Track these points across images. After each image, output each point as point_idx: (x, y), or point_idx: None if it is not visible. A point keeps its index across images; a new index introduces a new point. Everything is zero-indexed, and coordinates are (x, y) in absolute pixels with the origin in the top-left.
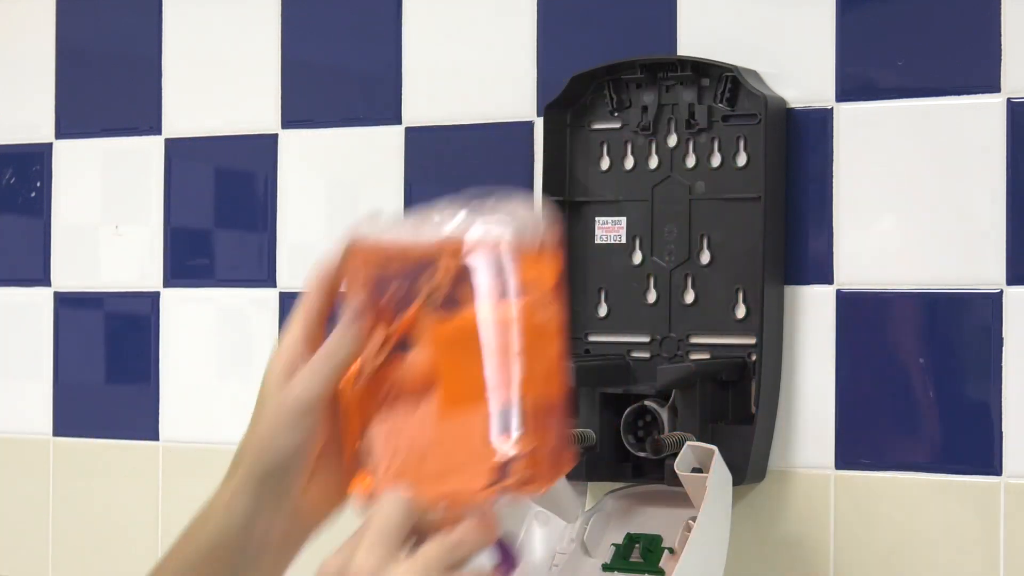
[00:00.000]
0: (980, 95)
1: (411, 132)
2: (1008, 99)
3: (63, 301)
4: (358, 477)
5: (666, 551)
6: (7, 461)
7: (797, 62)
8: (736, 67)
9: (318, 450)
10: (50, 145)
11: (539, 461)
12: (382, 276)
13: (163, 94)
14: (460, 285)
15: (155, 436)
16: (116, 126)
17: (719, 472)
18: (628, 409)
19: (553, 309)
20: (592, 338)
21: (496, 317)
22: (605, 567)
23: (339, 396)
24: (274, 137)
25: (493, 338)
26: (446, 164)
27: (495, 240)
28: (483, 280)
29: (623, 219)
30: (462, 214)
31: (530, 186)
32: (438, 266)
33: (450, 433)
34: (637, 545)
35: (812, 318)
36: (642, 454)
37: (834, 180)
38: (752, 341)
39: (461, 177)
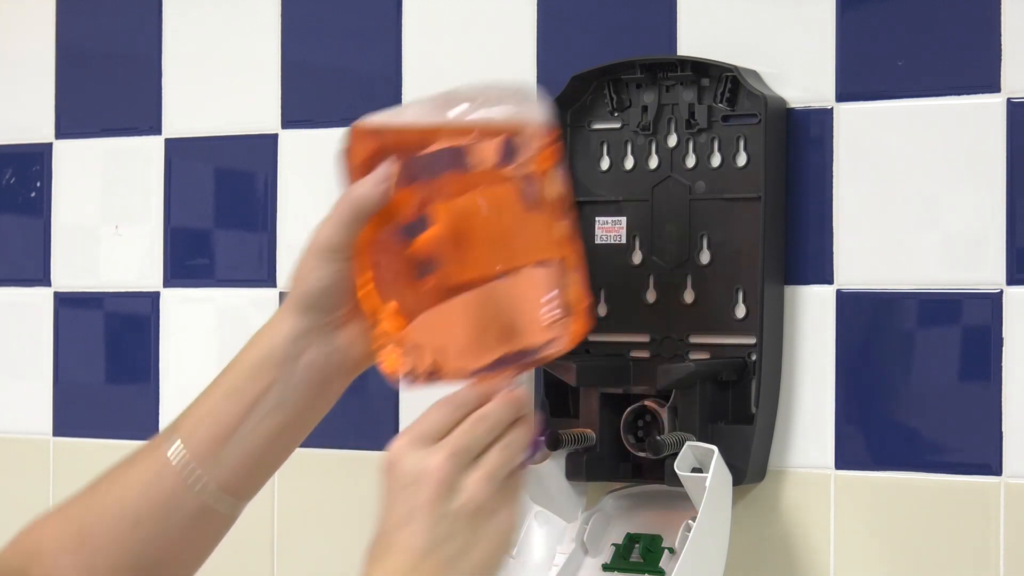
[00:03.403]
0: (980, 95)
1: None
2: (1008, 99)
3: (63, 301)
4: (388, 350)
5: (666, 551)
6: (7, 461)
7: (797, 62)
8: (736, 67)
9: (352, 291)
10: (50, 145)
11: (584, 316)
12: (402, 153)
13: (163, 94)
14: (474, 162)
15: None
16: (116, 126)
17: (719, 472)
18: (628, 409)
19: (560, 182)
20: (592, 338)
21: (511, 189)
22: (605, 567)
23: (362, 246)
24: (274, 137)
25: (519, 207)
26: None
27: (502, 121)
28: (495, 157)
29: (623, 219)
30: (469, 98)
31: None
32: (454, 145)
33: (489, 300)
34: (637, 545)
35: (812, 318)
36: (642, 454)
37: (834, 180)
38: (752, 341)
39: None
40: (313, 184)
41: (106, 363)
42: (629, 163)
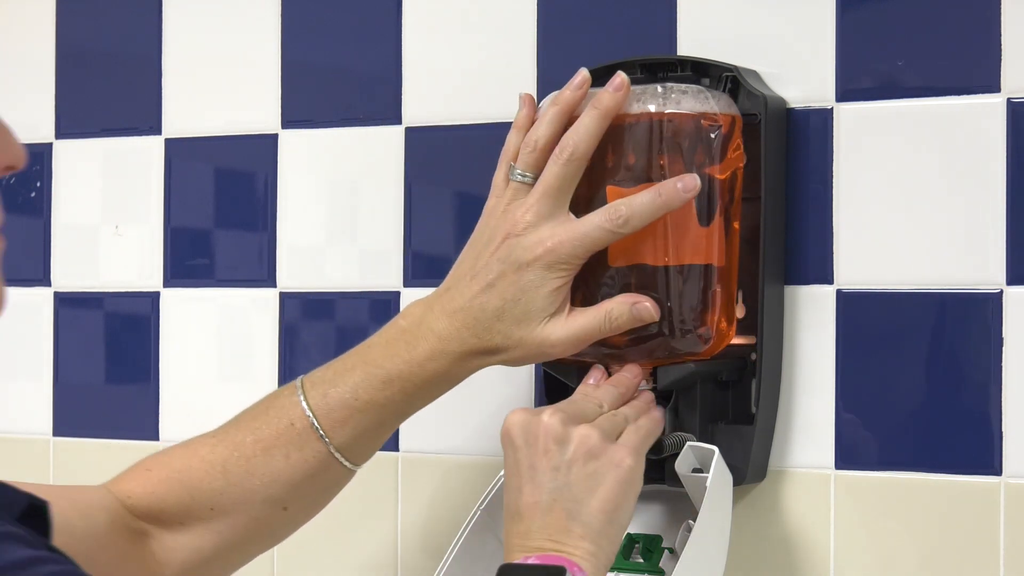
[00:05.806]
0: (980, 95)
1: (411, 132)
2: (1008, 99)
3: (63, 301)
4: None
5: (666, 551)
6: (7, 461)
7: (797, 62)
8: (736, 67)
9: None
10: (50, 145)
11: (730, 323)
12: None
13: (163, 94)
14: (665, 152)
15: (155, 436)
16: (116, 126)
17: (719, 472)
18: None
19: (738, 189)
20: None
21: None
22: None
23: None
24: (274, 137)
25: (690, 206)
26: (446, 164)
27: (692, 113)
28: (679, 152)
29: None
30: (659, 92)
31: None
32: (638, 135)
33: (637, 288)
34: (637, 545)
35: (812, 318)
36: None
37: (834, 180)
38: (752, 341)
39: (461, 177)
40: (313, 184)
41: (106, 363)
42: None
